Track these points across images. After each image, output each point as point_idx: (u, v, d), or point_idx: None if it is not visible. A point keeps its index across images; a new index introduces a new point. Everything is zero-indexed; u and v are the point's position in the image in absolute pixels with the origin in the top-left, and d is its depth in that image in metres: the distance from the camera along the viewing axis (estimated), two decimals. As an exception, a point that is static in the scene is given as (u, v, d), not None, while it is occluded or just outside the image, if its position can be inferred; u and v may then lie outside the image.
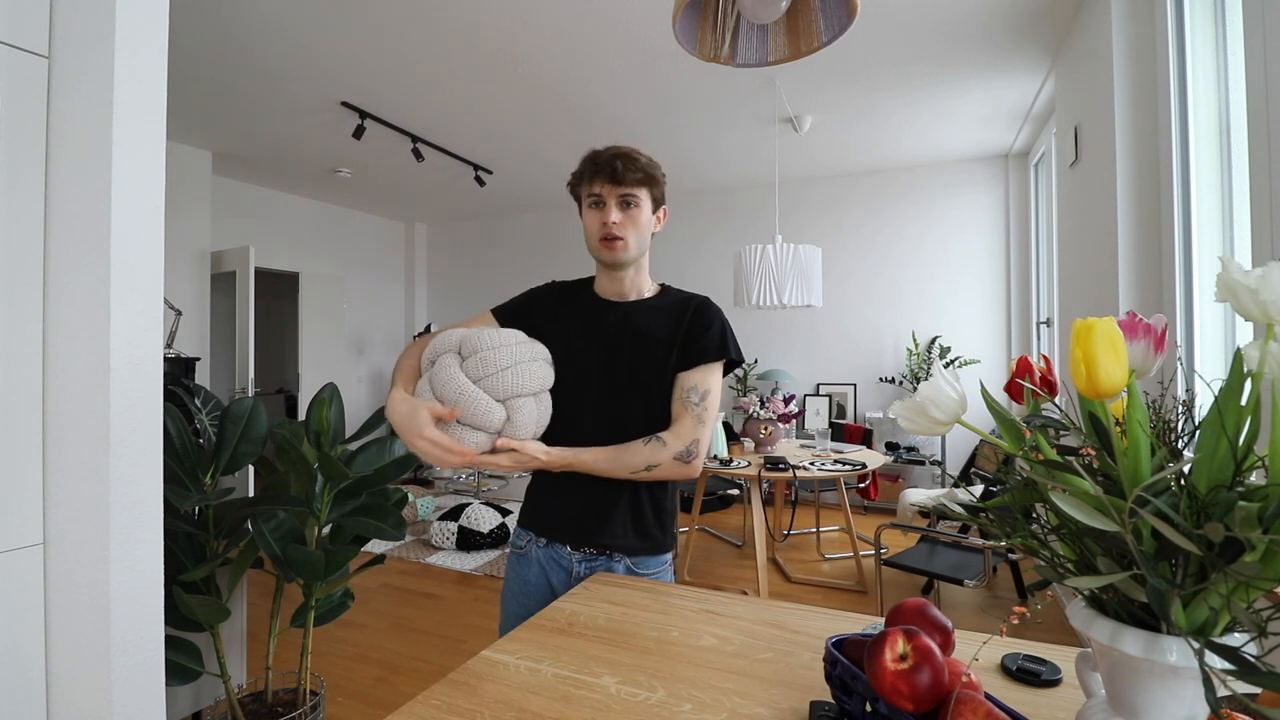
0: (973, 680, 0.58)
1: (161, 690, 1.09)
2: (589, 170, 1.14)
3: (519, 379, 1.04)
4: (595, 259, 1.19)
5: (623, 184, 1.11)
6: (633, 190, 1.13)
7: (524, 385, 1.04)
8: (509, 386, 1.03)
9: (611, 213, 1.12)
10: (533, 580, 1.17)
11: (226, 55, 2.88)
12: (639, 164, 1.13)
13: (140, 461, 1.06)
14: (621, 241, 1.13)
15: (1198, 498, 0.43)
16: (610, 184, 1.12)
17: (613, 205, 1.12)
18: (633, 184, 1.12)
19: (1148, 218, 2.05)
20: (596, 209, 1.15)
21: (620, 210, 1.13)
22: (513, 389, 1.03)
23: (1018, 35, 2.75)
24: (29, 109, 1.03)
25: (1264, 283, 0.41)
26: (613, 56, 2.92)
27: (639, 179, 1.13)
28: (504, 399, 1.03)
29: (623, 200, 1.13)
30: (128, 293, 1.04)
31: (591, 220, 1.15)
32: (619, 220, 1.12)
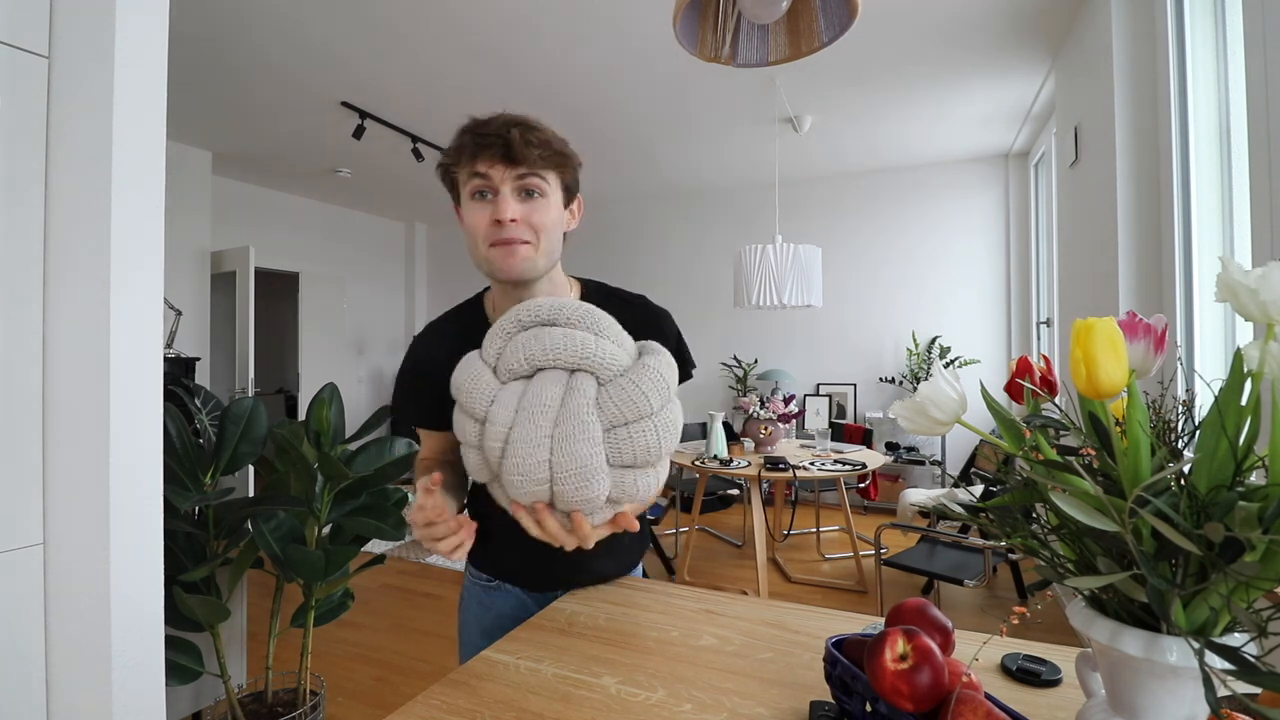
0: (973, 680, 0.58)
1: (161, 690, 1.09)
2: (470, 145, 0.80)
3: (669, 434, 0.72)
4: (486, 273, 0.86)
5: (521, 162, 0.79)
6: (536, 172, 0.81)
7: (670, 442, 0.72)
8: (645, 447, 0.70)
9: (507, 205, 0.80)
10: (509, 612, 1.01)
11: (227, 55, 2.88)
12: (543, 135, 0.81)
13: (140, 461, 1.06)
14: (526, 247, 0.82)
15: (1198, 498, 0.43)
16: (504, 164, 0.79)
17: (507, 194, 0.80)
18: (535, 163, 0.80)
19: (1148, 218, 2.05)
20: (483, 200, 0.82)
21: (519, 201, 0.81)
22: (647, 451, 0.70)
23: (1017, 35, 2.74)
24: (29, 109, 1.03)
25: (1264, 283, 0.41)
26: (612, 57, 2.92)
27: (544, 156, 0.81)
28: (633, 464, 0.70)
29: (522, 187, 0.81)
30: (128, 293, 1.04)
31: (477, 217, 0.82)
32: (516, 216, 0.80)
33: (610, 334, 0.74)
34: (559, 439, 0.68)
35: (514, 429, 0.68)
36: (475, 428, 0.72)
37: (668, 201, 5.53)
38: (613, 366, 0.72)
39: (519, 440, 0.67)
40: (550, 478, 0.68)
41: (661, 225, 5.57)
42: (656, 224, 5.59)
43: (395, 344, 6.42)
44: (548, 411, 0.68)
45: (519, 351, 0.71)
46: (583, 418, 0.68)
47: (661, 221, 5.57)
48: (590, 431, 0.68)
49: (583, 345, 0.71)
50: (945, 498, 3.37)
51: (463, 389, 0.73)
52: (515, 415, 0.69)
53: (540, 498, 0.70)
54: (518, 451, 0.67)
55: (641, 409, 0.70)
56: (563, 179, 0.86)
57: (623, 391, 0.70)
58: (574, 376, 0.71)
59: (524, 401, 0.69)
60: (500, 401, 0.70)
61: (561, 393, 0.70)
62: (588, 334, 0.72)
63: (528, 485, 0.68)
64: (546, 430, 0.68)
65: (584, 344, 0.71)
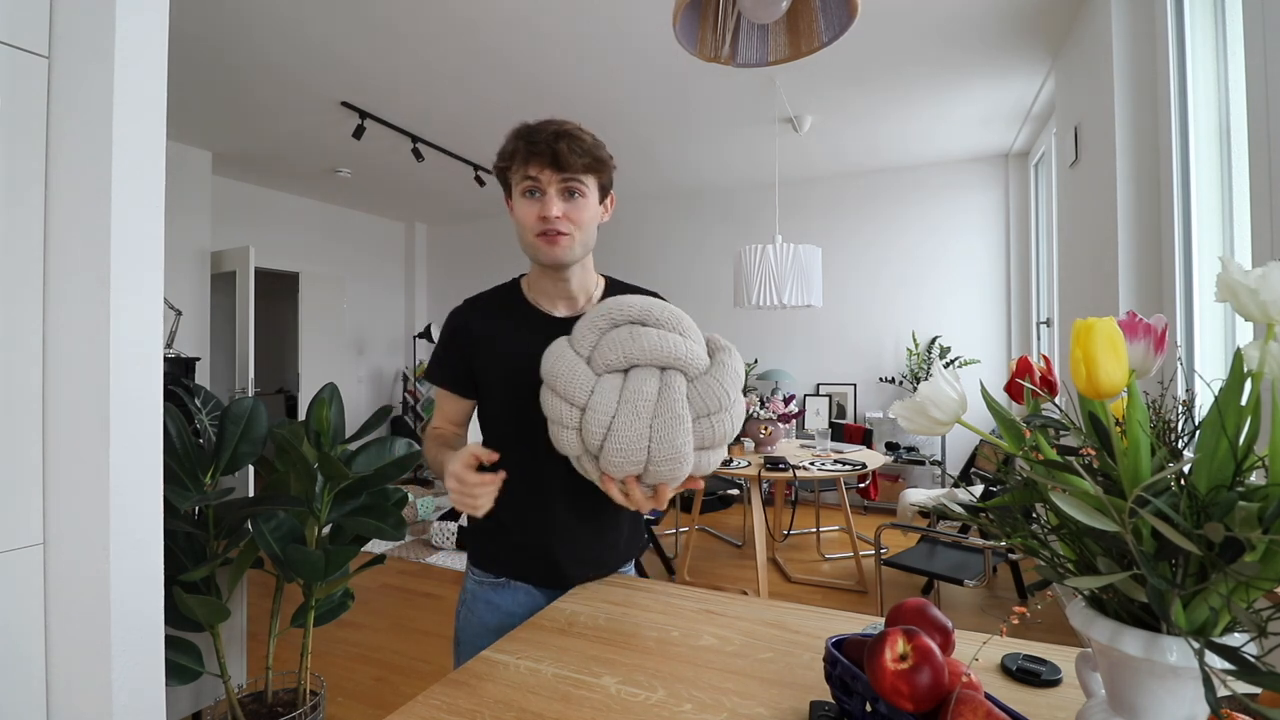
0: (973, 680, 0.58)
1: (161, 690, 1.09)
2: (524, 150, 0.95)
3: (739, 420, 0.85)
4: (531, 257, 1.02)
5: (566, 169, 0.94)
6: (578, 177, 0.96)
7: (738, 427, 0.85)
8: (723, 433, 0.83)
9: (552, 204, 0.95)
10: (519, 611, 1.03)
11: (227, 55, 2.88)
12: (585, 145, 0.96)
13: (140, 461, 1.06)
14: (566, 238, 0.97)
15: (1198, 498, 0.43)
16: (551, 169, 0.94)
17: (553, 195, 0.95)
18: (578, 169, 0.95)
19: (1148, 218, 2.05)
20: (532, 198, 0.97)
21: (563, 200, 0.96)
22: (726, 436, 0.84)
23: (1017, 35, 2.74)
24: (29, 109, 1.03)
25: (1264, 283, 0.41)
26: (612, 56, 2.92)
27: (586, 164, 0.96)
28: (709, 446, 0.84)
29: (565, 189, 0.96)
30: (128, 293, 1.04)
31: (526, 212, 0.97)
32: (560, 213, 0.95)
33: (693, 334, 0.86)
34: (657, 429, 0.80)
35: (617, 418, 0.80)
36: (573, 412, 0.82)
37: (668, 201, 5.53)
38: (699, 365, 0.84)
39: (623, 429, 0.79)
40: (647, 459, 0.80)
41: (661, 225, 5.57)
42: (656, 224, 5.59)
43: (395, 344, 6.42)
44: (647, 404, 0.80)
45: (617, 349, 0.82)
46: (678, 411, 0.80)
47: (661, 221, 5.57)
48: (685, 424, 0.80)
49: (675, 347, 0.82)
50: (945, 498, 3.37)
51: (560, 377, 0.82)
52: (618, 406, 0.80)
53: (633, 473, 0.82)
54: (621, 438, 0.79)
55: (723, 402, 0.82)
56: (600, 180, 1.00)
57: (708, 388, 0.82)
58: (666, 374, 0.83)
59: (625, 394, 0.81)
60: (601, 392, 0.81)
61: (658, 387, 0.82)
62: (677, 336, 0.84)
63: (627, 465, 0.81)
64: (646, 420, 0.80)
65: (676, 346, 0.82)
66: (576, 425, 0.82)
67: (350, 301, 5.80)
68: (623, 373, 0.83)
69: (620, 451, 0.79)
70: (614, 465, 0.81)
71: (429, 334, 6.02)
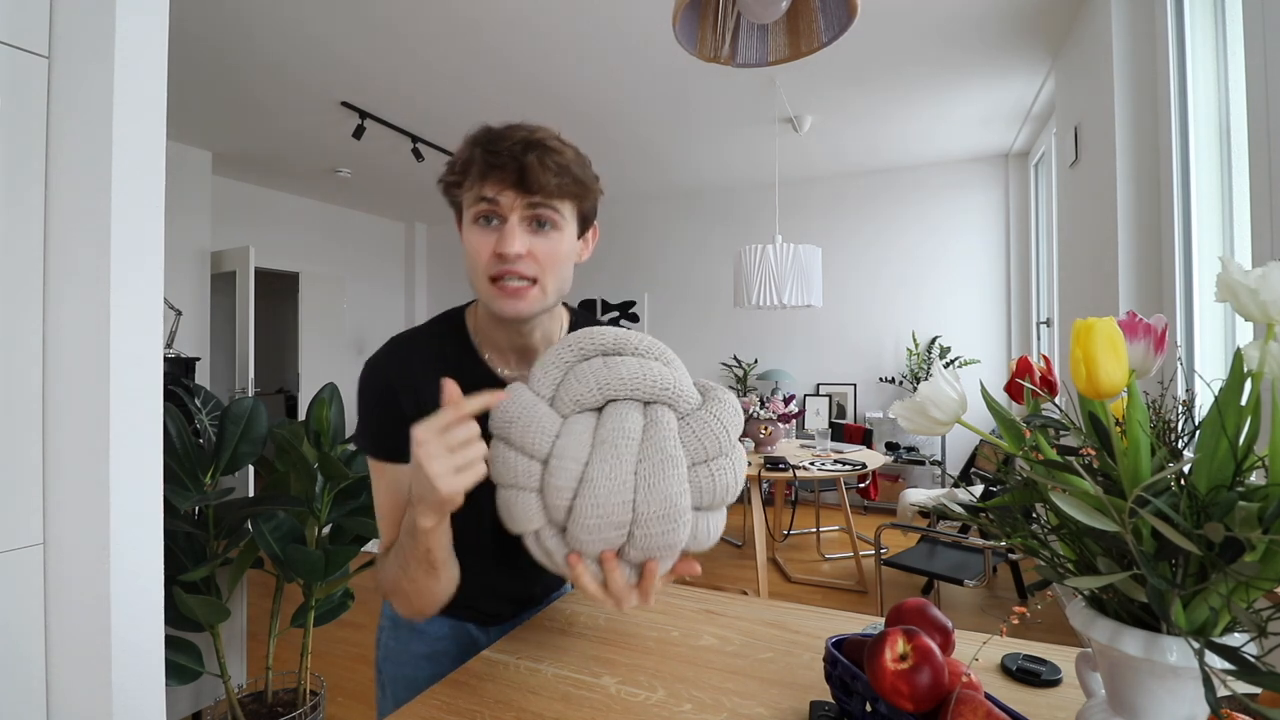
0: (973, 680, 0.58)
1: (161, 690, 1.09)
2: (481, 162, 0.70)
3: (742, 472, 0.67)
4: (482, 303, 0.76)
5: (535, 191, 0.69)
6: (550, 203, 0.71)
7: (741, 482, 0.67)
8: (725, 486, 0.65)
9: (513, 237, 0.69)
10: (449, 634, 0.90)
11: (227, 56, 2.88)
12: (562, 161, 0.71)
13: (140, 461, 1.06)
14: (530, 289, 0.71)
15: (1198, 498, 0.43)
16: (515, 190, 0.69)
17: (515, 225, 0.70)
18: (552, 193, 0.70)
19: (1148, 218, 2.05)
20: (487, 227, 0.71)
21: (528, 232, 0.71)
22: (727, 491, 0.66)
23: (1017, 35, 2.74)
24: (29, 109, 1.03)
25: (1264, 283, 0.41)
26: (612, 56, 2.92)
27: (562, 186, 0.70)
28: (708, 506, 0.66)
29: (533, 218, 0.71)
30: (128, 293, 1.04)
31: (479, 244, 0.71)
32: (524, 250, 0.70)
33: (677, 366, 0.69)
34: (644, 475, 0.61)
35: (591, 465, 0.61)
36: (532, 467, 0.63)
37: (668, 201, 5.53)
38: (690, 399, 0.67)
39: (599, 477, 0.60)
40: (631, 520, 0.61)
41: (661, 225, 5.57)
42: (656, 224, 5.59)
43: (395, 344, 6.43)
44: (630, 443, 0.61)
45: (588, 379, 0.64)
46: (669, 451, 0.62)
47: (661, 221, 5.57)
48: (678, 467, 0.62)
49: (660, 376, 0.65)
50: (945, 498, 3.37)
51: (516, 422, 0.63)
52: (592, 449, 0.62)
53: (611, 545, 0.63)
54: (598, 490, 0.60)
55: (722, 444, 0.65)
56: (579, 209, 0.76)
57: (704, 425, 0.65)
58: (651, 408, 0.65)
59: (602, 433, 0.62)
60: (570, 434, 0.63)
61: (642, 423, 0.63)
62: (660, 365, 0.67)
63: (604, 530, 0.61)
64: (630, 464, 0.61)
65: (661, 375, 0.65)
66: (537, 485, 0.63)
67: (350, 301, 5.80)
68: (596, 411, 0.65)
69: (597, 510, 0.60)
70: (588, 532, 0.61)
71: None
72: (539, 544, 0.66)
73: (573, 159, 0.73)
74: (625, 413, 0.63)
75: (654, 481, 0.61)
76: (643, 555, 0.63)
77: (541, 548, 0.66)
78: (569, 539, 0.63)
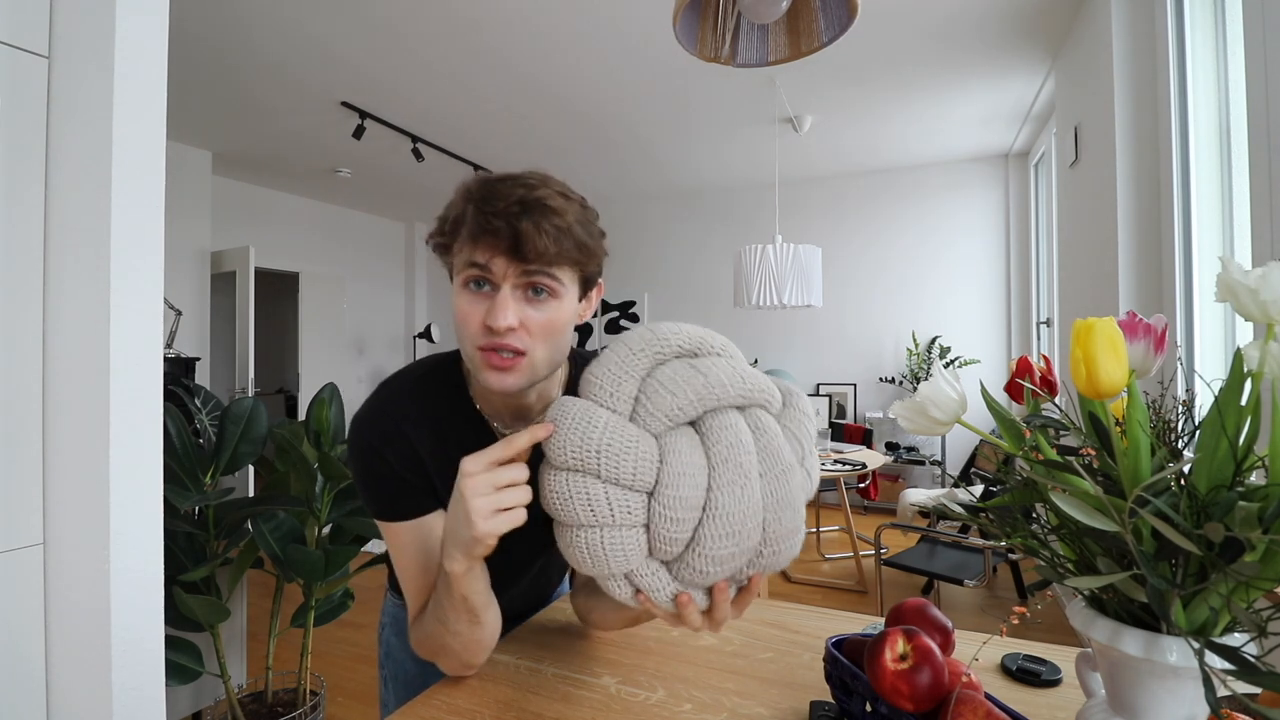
0: (973, 680, 0.58)
1: (161, 690, 1.09)
2: (473, 223, 0.63)
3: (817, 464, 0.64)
4: (471, 370, 0.70)
5: (531, 260, 0.63)
6: (549, 271, 0.64)
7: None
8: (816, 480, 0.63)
9: (505, 309, 0.63)
10: None
11: (227, 56, 2.88)
12: (562, 224, 0.63)
13: (140, 461, 1.06)
14: (521, 361, 0.65)
15: (1198, 498, 0.43)
16: (508, 257, 0.63)
17: (508, 294, 0.63)
18: (549, 260, 0.63)
19: (1148, 218, 2.05)
20: (478, 292, 0.65)
21: (525, 302, 0.65)
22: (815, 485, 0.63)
23: (1017, 35, 2.74)
24: (29, 109, 1.03)
25: (1264, 283, 0.41)
26: (613, 56, 2.92)
27: (562, 253, 0.64)
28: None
29: (529, 285, 0.65)
30: (128, 293, 1.04)
31: (468, 311, 0.65)
32: (516, 322, 0.63)
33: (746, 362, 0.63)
34: (769, 492, 0.56)
35: (715, 490, 0.54)
36: (633, 501, 0.55)
37: (668, 201, 5.53)
38: (778, 399, 0.61)
39: (728, 502, 0.54)
40: (761, 541, 0.56)
41: (661, 225, 5.57)
42: (656, 224, 5.59)
43: (395, 344, 6.43)
44: (751, 458, 0.55)
45: (683, 389, 0.56)
46: (787, 459, 0.57)
47: (661, 221, 5.57)
48: (795, 474, 0.57)
49: (753, 377, 0.59)
50: (945, 498, 3.37)
51: (606, 450, 0.54)
52: (710, 470, 0.55)
53: (734, 570, 0.57)
54: (730, 516, 0.54)
55: (812, 438, 0.62)
56: (582, 273, 0.69)
57: (798, 422, 0.61)
58: (749, 414, 0.58)
59: (718, 450, 0.55)
60: (678, 456, 0.55)
61: (752, 432, 0.57)
62: (745, 363, 0.61)
63: (735, 559, 0.55)
64: (757, 483, 0.55)
65: (753, 376, 0.59)
66: (642, 520, 0.55)
67: (350, 301, 5.80)
68: (690, 425, 0.57)
69: (732, 538, 0.54)
70: (715, 564, 0.55)
71: (429, 334, 6.02)
72: (627, 584, 0.57)
73: (575, 219, 0.65)
74: (733, 423, 0.56)
75: (781, 496, 0.56)
76: (763, 571, 0.58)
77: (631, 587, 0.57)
78: (683, 573, 0.56)
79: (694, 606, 0.57)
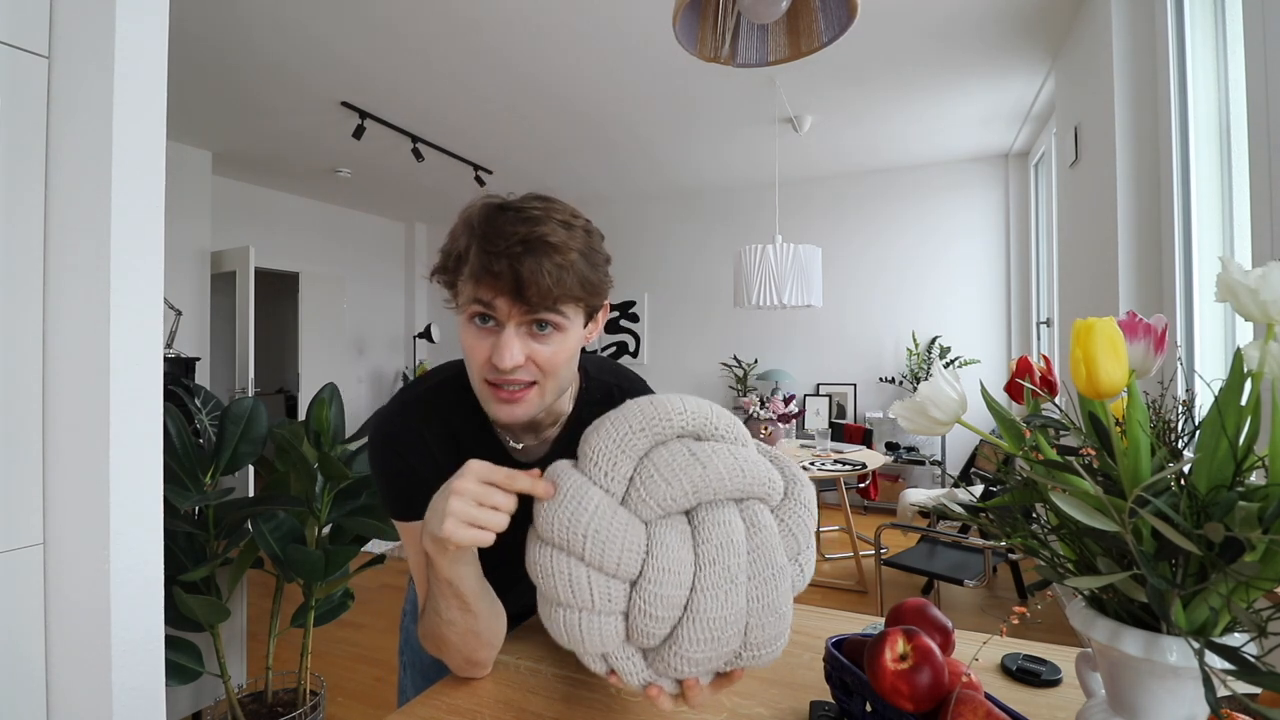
0: (973, 680, 0.58)
1: (161, 690, 1.09)
2: (477, 261, 0.63)
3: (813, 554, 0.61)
4: (480, 399, 0.71)
5: (534, 302, 0.63)
6: (554, 308, 0.65)
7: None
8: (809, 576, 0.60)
9: (510, 347, 0.64)
10: None
11: (227, 56, 2.88)
12: (567, 264, 0.63)
13: (140, 461, 1.06)
14: (529, 393, 0.67)
15: (1198, 498, 0.43)
16: (511, 299, 0.63)
17: (513, 333, 0.64)
18: (554, 301, 0.64)
19: (1148, 218, 2.05)
20: (483, 326, 0.66)
21: (530, 337, 0.66)
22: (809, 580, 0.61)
23: (1017, 35, 2.74)
24: (29, 109, 1.03)
25: (1264, 283, 0.41)
26: (613, 56, 2.92)
27: (566, 293, 0.64)
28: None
29: (533, 320, 0.65)
30: (128, 293, 1.04)
31: (474, 344, 0.66)
32: (522, 359, 0.65)
33: (752, 444, 0.60)
34: (755, 595, 0.54)
35: (699, 590, 0.52)
36: (614, 589, 0.53)
37: (668, 201, 5.53)
38: (779, 489, 0.59)
39: (710, 606, 0.52)
40: (741, 645, 0.55)
41: (661, 225, 5.57)
42: (656, 224, 5.59)
43: (395, 344, 6.43)
44: (739, 559, 0.54)
45: (678, 480, 0.54)
46: (778, 562, 0.55)
47: (661, 221, 5.57)
48: (786, 578, 0.56)
49: (755, 467, 0.56)
50: (945, 498, 3.37)
51: (593, 535, 0.53)
52: (696, 570, 0.53)
53: (710, 669, 0.55)
54: (710, 620, 0.52)
55: (810, 531, 0.59)
56: (588, 307, 0.69)
57: (797, 518, 0.58)
58: (745, 507, 0.57)
59: (706, 549, 0.53)
60: (665, 549, 0.53)
61: (744, 530, 0.55)
62: (750, 450, 0.58)
63: (711, 660, 0.54)
64: (743, 587, 0.53)
65: (756, 466, 0.56)
66: (621, 609, 0.54)
67: (350, 301, 5.80)
68: (683, 515, 0.56)
69: (710, 641, 0.52)
70: (690, 664, 0.53)
71: (429, 334, 6.03)
72: (602, 662, 0.57)
73: (579, 254, 0.65)
74: (726, 519, 0.54)
75: (767, 600, 0.54)
76: (741, 667, 0.57)
77: (605, 665, 0.57)
78: (658, 664, 0.55)
79: (665, 697, 0.57)
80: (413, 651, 0.93)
